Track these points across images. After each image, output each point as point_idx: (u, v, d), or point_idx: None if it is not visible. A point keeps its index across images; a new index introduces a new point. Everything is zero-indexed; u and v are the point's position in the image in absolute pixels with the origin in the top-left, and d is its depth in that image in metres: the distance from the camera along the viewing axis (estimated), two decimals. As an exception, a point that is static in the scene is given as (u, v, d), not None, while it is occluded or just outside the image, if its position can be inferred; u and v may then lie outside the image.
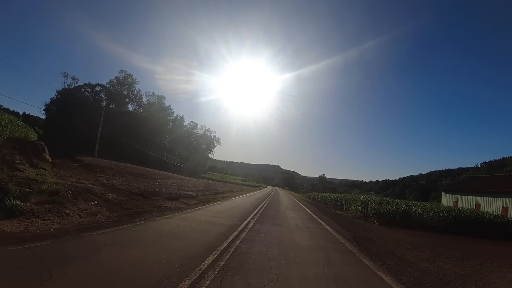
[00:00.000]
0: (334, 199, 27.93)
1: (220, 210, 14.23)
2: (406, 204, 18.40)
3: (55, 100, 60.70)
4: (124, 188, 16.89)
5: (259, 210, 16.09)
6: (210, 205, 16.07)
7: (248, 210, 15.42)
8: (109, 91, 57.48)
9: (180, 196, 17.76)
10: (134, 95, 63.24)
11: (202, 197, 18.78)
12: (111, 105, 58.74)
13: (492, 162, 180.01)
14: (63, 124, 57.12)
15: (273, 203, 24.14)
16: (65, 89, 59.97)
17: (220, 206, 16.40)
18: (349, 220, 16.01)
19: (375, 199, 19.08)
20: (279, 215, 15.21)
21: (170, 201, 15.00)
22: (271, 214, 15.03)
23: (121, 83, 59.89)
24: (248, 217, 12.65)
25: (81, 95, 57.82)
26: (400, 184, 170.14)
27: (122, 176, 24.43)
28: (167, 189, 20.95)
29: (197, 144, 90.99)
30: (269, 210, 17.45)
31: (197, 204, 15.49)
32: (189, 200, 16.41)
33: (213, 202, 17.74)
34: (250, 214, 13.79)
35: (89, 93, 58.00)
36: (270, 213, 15.53)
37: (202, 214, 12.04)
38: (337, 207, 23.65)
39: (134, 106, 66.25)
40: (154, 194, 16.64)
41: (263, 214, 14.75)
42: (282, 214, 16.28)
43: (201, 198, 18.45)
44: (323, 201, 33.68)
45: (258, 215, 13.78)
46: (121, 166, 29.89)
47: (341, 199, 24.71)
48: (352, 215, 17.91)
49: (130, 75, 60.38)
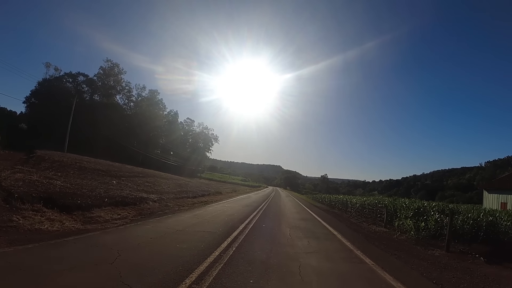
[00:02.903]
0: (363, 206, 16.73)
1: (142, 241, 5.98)
2: (483, 212, 11.16)
3: (35, 92, 54.12)
4: (44, 186, 10.11)
5: (235, 240, 6.89)
6: (146, 222, 8.13)
7: (206, 243, 6.33)
8: (92, 81, 50.47)
9: (124, 200, 10.59)
10: (122, 87, 56.20)
11: (158, 204, 11.35)
12: (95, 96, 51.79)
13: (496, 161, 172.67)
14: (43, 117, 50.64)
15: (271, 214, 14.24)
16: (45, 79, 53.26)
17: (163, 224, 8.22)
18: (429, 258, 7.15)
19: (433, 205, 11.80)
20: (281, 264, 5.41)
21: (82, 211, 7.88)
22: (256, 259, 5.50)
23: (107, 73, 52.88)
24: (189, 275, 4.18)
25: (62, 86, 51.02)
26: (404, 184, 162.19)
27: (69, 172, 17.37)
28: (119, 191, 13.84)
29: (194, 142, 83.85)
30: (260, 236, 8.11)
31: (122, 220, 8.22)
32: (122, 211, 9.11)
33: (163, 215, 9.76)
34: (204, 259, 5.07)
35: (70, 83, 51.08)
36: (256, 257, 5.70)
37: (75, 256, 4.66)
38: (368, 218, 14.56)
39: (124, 99, 59.35)
40: (77, 196, 9.62)
41: (239, 254, 5.73)
42: (287, 257, 6.03)
43: (151, 206, 10.83)
44: (338, 207, 24.81)
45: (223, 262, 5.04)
46: (80, 161, 22.80)
47: (375, 206, 14.50)
48: (405, 237, 9.73)
49: (117, 65, 53.46)
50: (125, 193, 13.11)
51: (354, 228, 11.54)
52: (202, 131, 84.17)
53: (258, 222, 10.62)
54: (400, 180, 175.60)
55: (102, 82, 52.70)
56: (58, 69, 54.14)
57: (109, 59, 53.40)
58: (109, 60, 53.03)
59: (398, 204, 12.37)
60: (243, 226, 9.21)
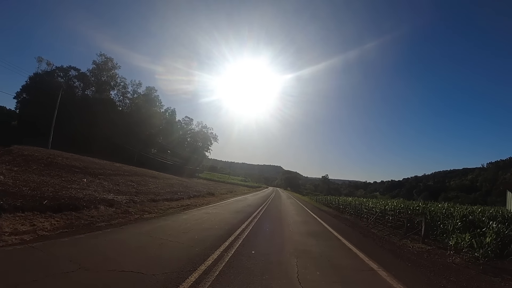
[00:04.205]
0: (384, 211, 12.67)
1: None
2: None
3: (26, 87, 51.41)
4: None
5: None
6: (41, 247, 4.55)
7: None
8: (84, 76, 47.61)
9: (67, 203, 7.63)
10: (117, 82, 53.28)
11: (114, 210, 8.15)
12: (87, 91, 48.92)
13: (498, 162, 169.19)
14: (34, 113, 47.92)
15: (268, 226, 10.52)
16: (37, 74, 50.52)
17: (64, 250, 4.59)
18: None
19: (479, 210, 8.79)
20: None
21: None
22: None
23: (100, 68, 50.00)
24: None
25: (53, 81, 48.24)
26: (406, 184, 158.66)
27: (30, 167, 14.48)
28: (79, 190, 10.94)
29: (193, 141, 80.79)
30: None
31: (22, 235, 4.80)
32: (47, 219, 5.94)
33: (99, 229, 6.30)
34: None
35: (61, 77, 48.24)
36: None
37: None
38: (393, 228, 10.92)
39: (119, 96, 56.43)
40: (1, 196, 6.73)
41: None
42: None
43: (100, 213, 7.49)
44: (348, 211, 20.64)
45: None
46: (54, 157, 19.90)
47: (405, 213, 10.94)
48: (461, 259, 6.75)
49: (110, 59, 50.51)
50: (84, 194, 10.17)
51: (388, 247, 8.15)
52: (201, 130, 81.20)
53: (246, 244, 6.69)
54: (402, 181, 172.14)
55: (96, 77, 49.83)
56: (51, 63, 51.37)
57: (103, 53, 50.68)
58: (103, 54, 50.23)
59: (437, 211, 9.25)
60: (217, 256, 5.33)
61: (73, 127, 42.69)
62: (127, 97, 56.53)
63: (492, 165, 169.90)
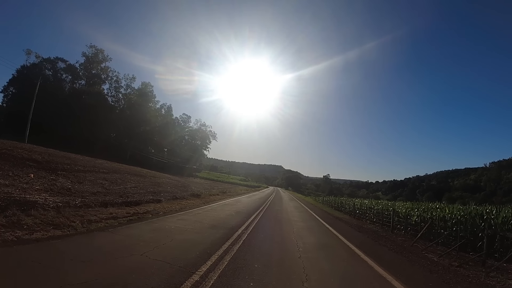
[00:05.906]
0: (427, 220, 9.14)
1: None
2: None
3: (12, 80, 48.30)
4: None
5: None
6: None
7: None
8: (72, 68, 44.33)
9: None
10: (108, 75, 49.96)
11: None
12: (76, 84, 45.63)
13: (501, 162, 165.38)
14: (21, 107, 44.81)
15: (257, 265, 4.83)
16: (24, 67, 47.37)
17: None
18: None
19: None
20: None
21: None
22: None
23: (90, 60, 46.69)
24: None
25: (40, 73, 45.10)
26: (408, 184, 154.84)
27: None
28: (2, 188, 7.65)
29: (191, 139, 77.34)
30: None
31: None
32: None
33: None
34: None
35: (49, 70, 45.02)
36: None
37: None
38: (446, 244, 8.02)
39: (111, 91, 53.09)
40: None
41: None
42: None
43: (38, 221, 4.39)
44: (370, 217, 15.96)
45: None
46: (13, 150, 16.56)
47: (464, 225, 7.38)
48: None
49: (101, 51, 47.13)
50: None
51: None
52: (199, 128, 77.74)
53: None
54: (404, 180, 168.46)
55: (86, 69, 46.55)
56: (39, 56, 48.17)
57: (93, 44, 47.33)
58: (93, 46, 46.81)
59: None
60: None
61: (58, 121, 39.44)
62: (120, 92, 53.24)
63: (495, 164, 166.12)
